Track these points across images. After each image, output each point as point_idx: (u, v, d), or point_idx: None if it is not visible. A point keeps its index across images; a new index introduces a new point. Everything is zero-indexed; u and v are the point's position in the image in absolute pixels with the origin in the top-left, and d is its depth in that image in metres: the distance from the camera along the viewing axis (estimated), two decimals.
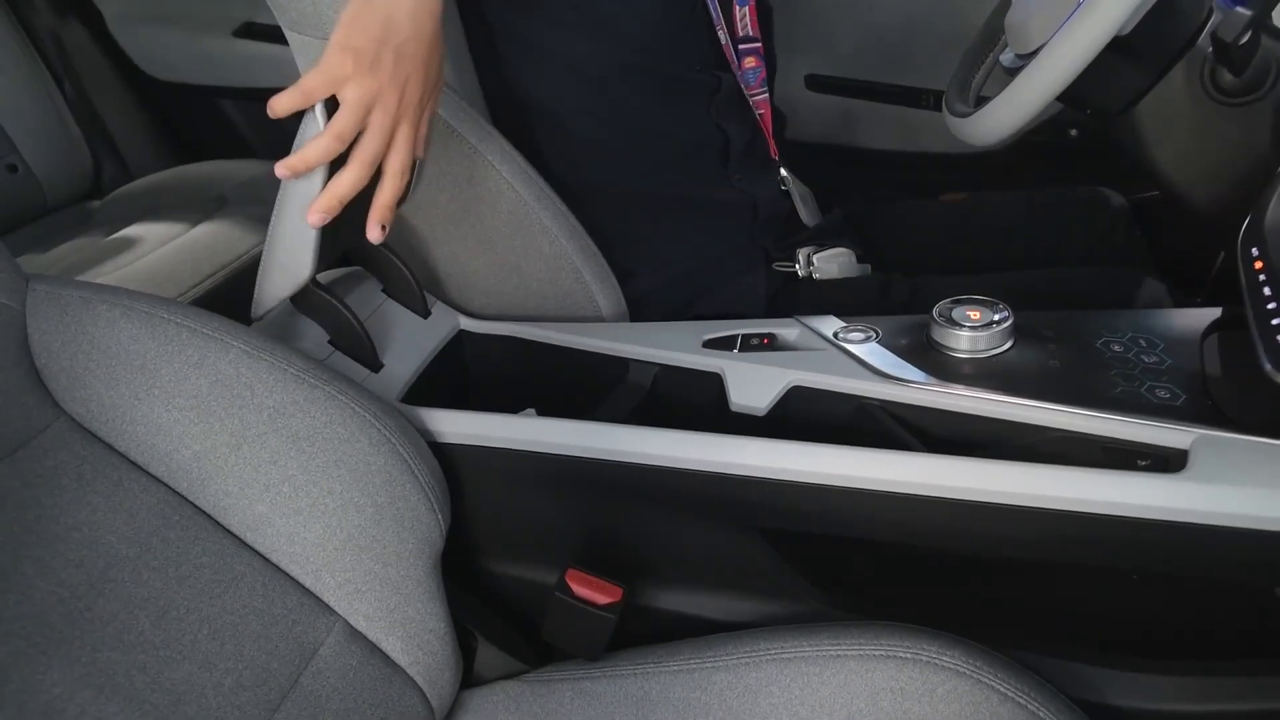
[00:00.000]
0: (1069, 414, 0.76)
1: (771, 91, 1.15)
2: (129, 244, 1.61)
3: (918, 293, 1.08)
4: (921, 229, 1.29)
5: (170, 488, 0.76)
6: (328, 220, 0.74)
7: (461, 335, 1.02)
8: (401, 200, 0.93)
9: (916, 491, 0.75)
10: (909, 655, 0.76)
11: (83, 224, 1.80)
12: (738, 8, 1.08)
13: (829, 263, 1.15)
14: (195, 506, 0.77)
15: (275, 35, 1.80)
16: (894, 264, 1.20)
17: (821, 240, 1.17)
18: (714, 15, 1.02)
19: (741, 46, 1.09)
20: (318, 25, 0.90)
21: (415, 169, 0.86)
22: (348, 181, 0.72)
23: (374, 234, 0.75)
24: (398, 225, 1.01)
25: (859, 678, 0.76)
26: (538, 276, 1.00)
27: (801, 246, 1.15)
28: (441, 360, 0.99)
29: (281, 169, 0.73)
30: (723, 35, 1.02)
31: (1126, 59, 0.95)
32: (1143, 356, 0.81)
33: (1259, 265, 0.76)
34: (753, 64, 1.10)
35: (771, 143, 1.16)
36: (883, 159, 1.33)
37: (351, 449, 0.79)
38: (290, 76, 1.09)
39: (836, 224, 1.21)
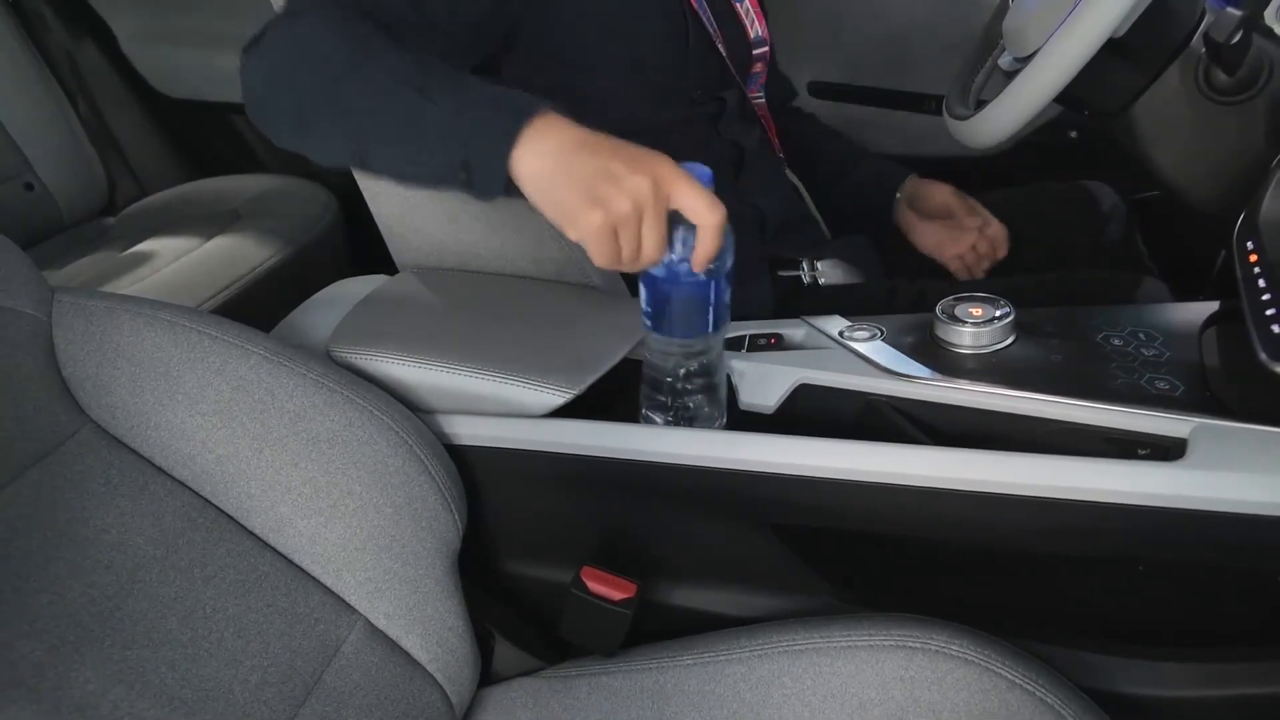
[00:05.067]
0: (1071, 406, 0.78)
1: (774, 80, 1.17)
2: (145, 258, 1.63)
3: (923, 296, 1.09)
4: None
5: (194, 491, 0.79)
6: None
7: None
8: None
9: (923, 484, 0.76)
10: (918, 645, 0.77)
11: (98, 240, 1.83)
12: (738, 5, 1.09)
13: (834, 268, 1.16)
14: (219, 509, 0.79)
15: None
16: (898, 267, 1.21)
17: (844, 256, 1.18)
18: (711, 30, 1.03)
19: (755, 52, 1.10)
20: None
21: None
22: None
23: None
24: (415, 235, 1.03)
25: (869, 668, 0.77)
26: (548, 279, 1.01)
27: (822, 258, 1.16)
28: None
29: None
30: (722, 48, 1.04)
31: (1122, 60, 0.97)
32: (1142, 349, 0.82)
33: (1253, 258, 0.77)
34: (759, 69, 1.12)
35: (775, 140, 1.17)
36: None
37: (370, 451, 0.81)
38: None
39: (860, 244, 1.22)
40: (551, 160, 0.69)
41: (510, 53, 0.97)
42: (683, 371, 0.82)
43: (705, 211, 0.69)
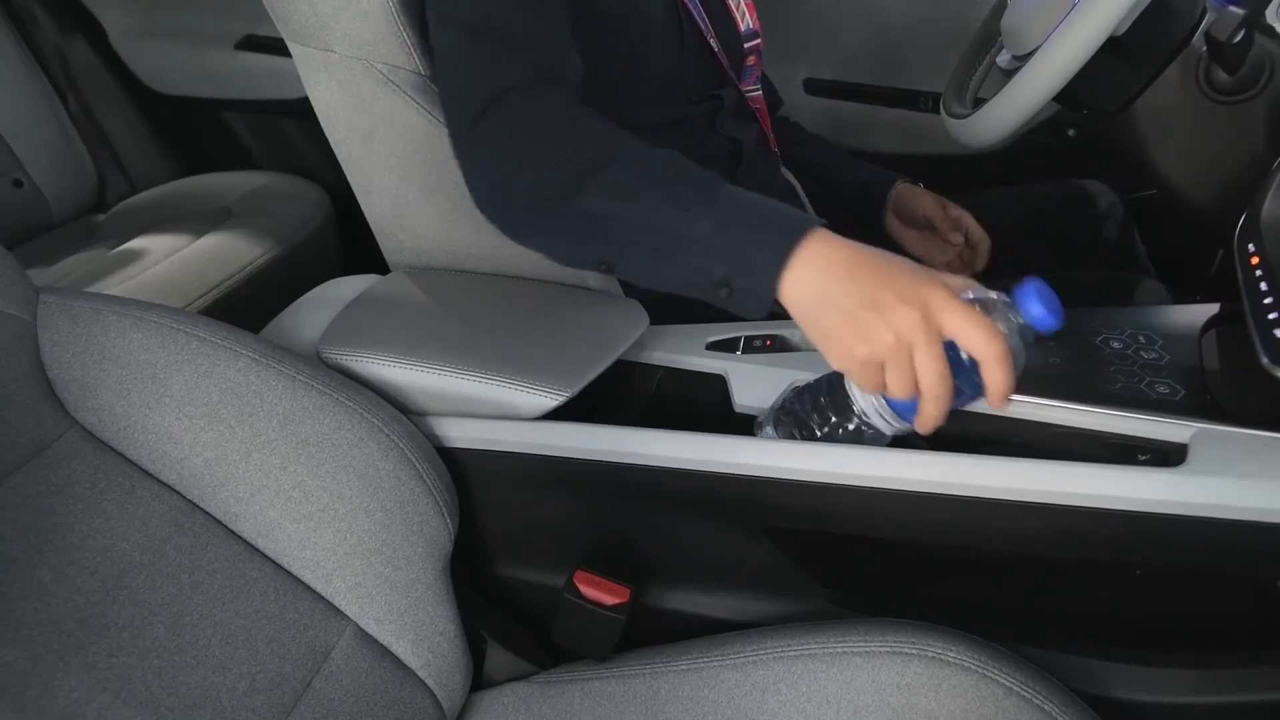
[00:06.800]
0: (1070, 410, 0.77)
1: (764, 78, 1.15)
2: (135, 256, 1.62)
3: None
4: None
5: (182, 495, 0.78)
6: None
7: None
8: None
9: (920, 489, 0.75)
10: (915, 651, 0.76)
11: (88, 238, 1.81)
12: (731, 2, 1.07)
13: None
14: (207, 513, 0.78)
15: (277, 47, 1.81)
16: None
17: None
18: (703, 26, 1.02)
19: (747, 45, 1.09)
20: (319, 36, 0.91)
21: None
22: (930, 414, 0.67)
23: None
24: (406, 235, 1.02)
25: (865, 674, 0.77)
26: (541, 279, 1.00)
27: None
28: None
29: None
30: (715, 43, 1.03)
31: (1121, 59, 0.96)
32: (1142, 353, 0.82)
33: (1255, 260, 0.77)
34: (752, 62, 1.11)
35: (770, 136, 1.16)
36: (882, 162, 1.33)
37: (360, 454, 0.80)
38: (292, 88, 1.10)
39: None
40: (816, 285, 0.66)
41: None
42: (851, 426, 0.77)
43: (981, 344, 0.62)
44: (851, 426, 0.77)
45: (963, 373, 0.65)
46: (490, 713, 0.86)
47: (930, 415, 0.66)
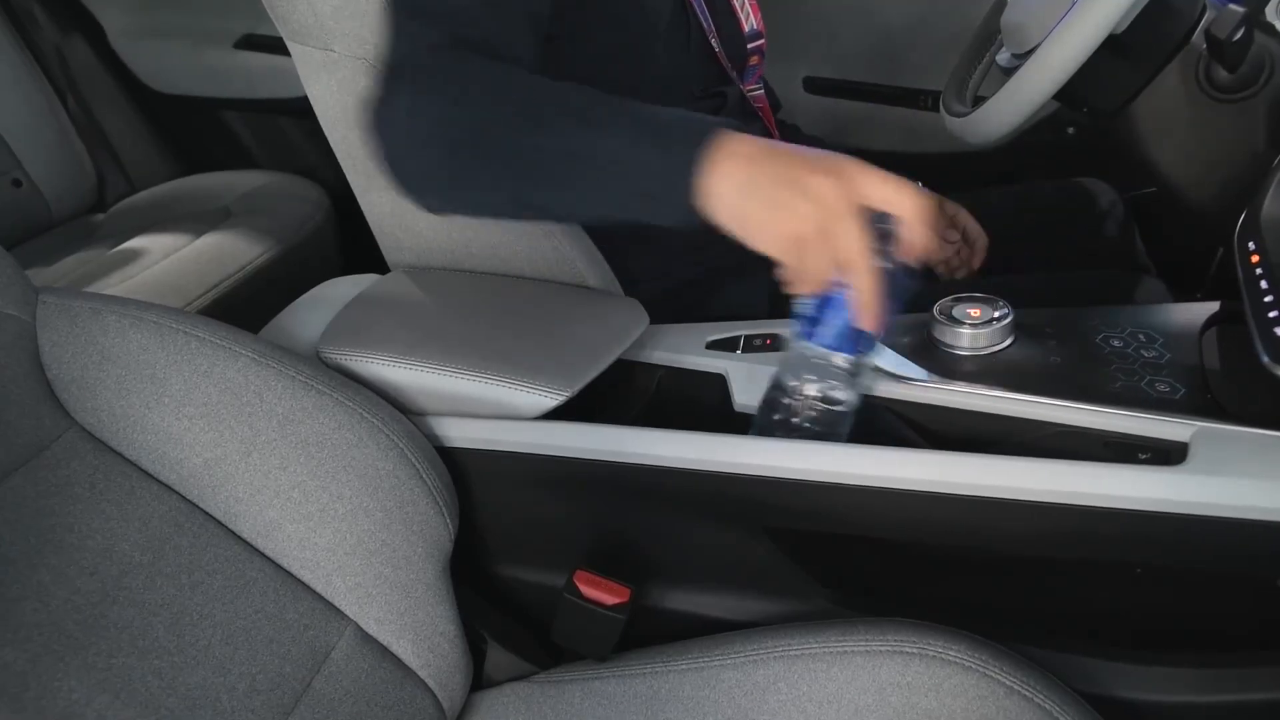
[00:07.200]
0: (1070, 409, 0.77)
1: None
2: (134, 256, 1.62)
3: (920, 296, 1.08)
4: None
5: (181, 495, 0.77)
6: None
7: None
8: None
9: (920, 488, 0.75)
10: (915, 650, 0.76)
11: (87, 237, 1.82)
12: (735, 2, 1.07)
13: None
14: (206, 514, 0.78)
15: (276, 46, 1.81)
16: None
17: None
18: (706, 26, 1.02)
19: (750, 46, 1.09)
20: (319, 36, 0.91)
21: None
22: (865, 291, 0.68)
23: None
24: (406, 234, 1.02)
25: (866, 673, 0.77)
26: (541, 278, 1.00)
27: None
28: None
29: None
30: (715, 43, 1.03)
31: (1121, 57, 0.96)
32: (1142, 351, 0.82)
33: (1255, 259, 0.76)
34: (755, 62, 1.11)
35: (775, 134, 1.16)
36: (882, 161, 1.32)
37: (360, 454, 0.80)
38: (292, 87, 1.10)
39: None
40: (735, 177, 0.67)
41: None
42: (813, 391, 0.77)
43: (903, 200, 0.64)
44: (814, 391, 0.77)
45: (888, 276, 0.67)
46: (490, 713, 0.86)
47: (864, 300, 0.66)
